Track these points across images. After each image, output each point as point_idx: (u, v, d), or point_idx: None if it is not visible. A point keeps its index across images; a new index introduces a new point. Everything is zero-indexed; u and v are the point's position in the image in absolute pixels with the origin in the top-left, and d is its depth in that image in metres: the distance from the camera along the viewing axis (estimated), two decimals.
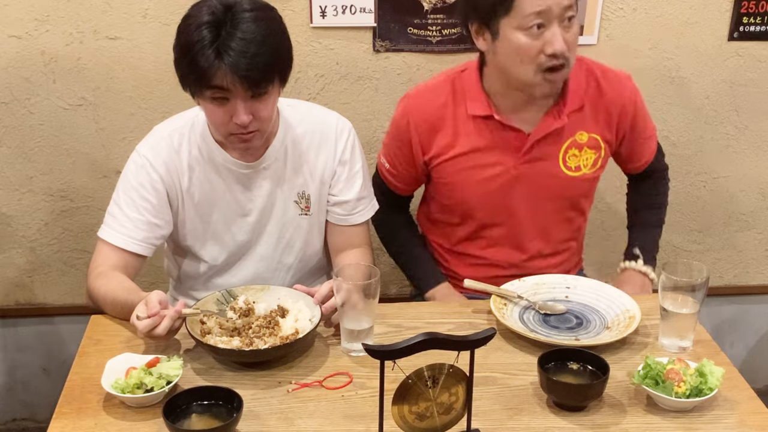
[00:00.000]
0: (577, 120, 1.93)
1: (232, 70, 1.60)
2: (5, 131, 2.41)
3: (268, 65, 1.63)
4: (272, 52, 1.64)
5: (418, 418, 1.33)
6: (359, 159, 1.94)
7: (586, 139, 1.94)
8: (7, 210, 2.50)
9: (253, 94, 1.66)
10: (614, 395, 1.54)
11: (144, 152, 1.83)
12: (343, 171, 1.91)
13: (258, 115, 1.69)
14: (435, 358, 1.30)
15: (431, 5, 2.37)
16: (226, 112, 1.68)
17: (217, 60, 1.60)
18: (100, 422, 1.47)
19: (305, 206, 1.91)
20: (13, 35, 2.31)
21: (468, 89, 1.92)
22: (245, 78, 1.61)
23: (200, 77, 1.63)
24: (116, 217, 1.82)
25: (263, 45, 1.62)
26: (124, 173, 1.85)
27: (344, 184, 1.92)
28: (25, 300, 2.62)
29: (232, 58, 1.60)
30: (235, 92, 1.64)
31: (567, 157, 1.94)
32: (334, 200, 1.93)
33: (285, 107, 1.88)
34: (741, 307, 2.89)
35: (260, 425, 1.46)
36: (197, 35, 1.61)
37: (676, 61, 2.50)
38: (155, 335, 1.56)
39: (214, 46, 1.60)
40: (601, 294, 1.84)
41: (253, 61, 1.60)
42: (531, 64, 1.78)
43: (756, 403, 1.53)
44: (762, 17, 2.46)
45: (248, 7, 1.64)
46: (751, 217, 2.74)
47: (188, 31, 1.63)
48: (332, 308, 1.67)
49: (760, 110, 2.60)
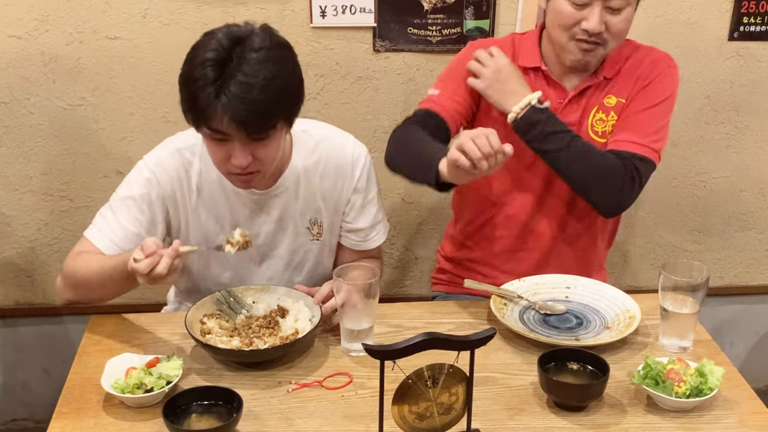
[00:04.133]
0: (609, 84, 1.95)
1: (229, 116, 1.52)
2: (5, 131, 2.41)
3: (268, 111, 1.54)
4: (276, 97, 1.54)
5: (418, 418, 1.33)
6: (374, 186, 1.91)
7: (614, 103, 1.94)
8: (6, 210, 2.50)
9: (255, 137, 1.58)
10: (614, 395, 1.54)
11: (152, 166, 1.76)
12: (357, 199, 1.88)
13: (259, 156, 1.62)
14: (435, 358, 1.30)
15: (431, 5, 2.37)
16: (224, 151, 1.61)
17: (215, 101, 1.52)
18: (100, 422, 1.47)
19: (317, 232, 1.87)
20: (13, 35, 2.31)
21: (525, 45, 1.97)
22: (242, 124, 1.53)
23: (198, 116, 1.56)
24: (108, 222, 1.76)
25: (265, 90, 1.52)
26: (127, 181, 1.78)
27: (358, 212, 1.90)
28: (25, 300, 2.61)
29: (231, 102, 1.51)
30: (234, 135, 1.57)
31: (594, 122, 1.94)
32: (348, 227, 1.91)
33: (299, 132, 1.81)
34: (741, 307, 2.89)
35: (260, 425, 1.46)
36: (199, 72, 1.53)
37: (676, 61, 2.48)
38: (156, 275, 1.49)
39: (214, 86, 1.52)
40: (601, 294, 1.84)
41: (252, 107, 1.52)
42: (566, 31, 1.84)
43: (756, 403, 1.53)
44: (762, 17, 2.46)
45: (257, 45, 1.54)
46: (751, 217, 2.74)
47: (192, 64, 1.56)
48: (332, 308, 1.67)
49: (760, 110, 2.60)
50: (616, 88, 1.94)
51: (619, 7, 1.81)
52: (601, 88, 1.94)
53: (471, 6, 2.38)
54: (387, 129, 2.50)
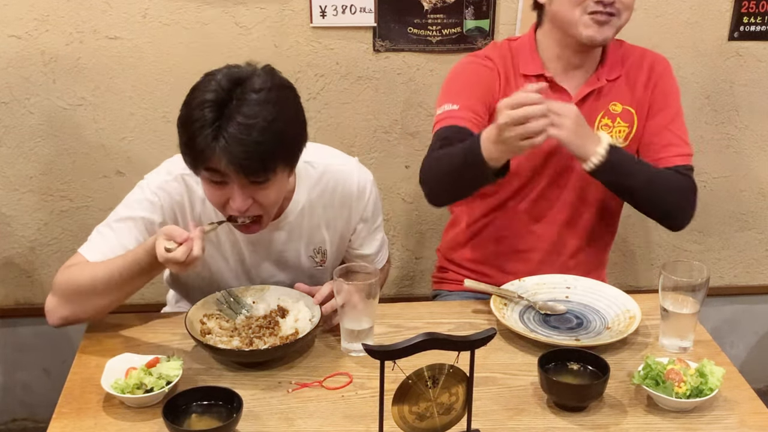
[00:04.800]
0: (613, 90, 1.95)
1: (227, 158, 1.48)
2: (5, 131, 2.41)
3: (268, 154, 1.50)
4: (276, 139, 1.50)
5: (418, 419, 1.33)
6: (380, 214, 1.90)
7: (620, 110, 1.94)
8: (6, 210, 2.50)
9: (253, 180, 1.54)
10: (614, 395, 1.54)
11: (155, 189, 1.70)
12: (364, 227, 1.87)
13: (259, 200, 1.58)
14: (435, 358, 1.30)
15: (431, 5, 2.37)
16: (223, 195, 1.58)
17: (214, 143, 1.48)
18: (99, 422, 1.47)
19: (321, 260, 1.86)
20: (13, 35, 2.31)
21: (523, 52, 1.96)
22: (241, 167, 1.49)
23: (196, 158, 1.52)
24: (107, 240, 1.69)
25: (265, 132, 1.48)
26: (127, 201, 1.73)
27: (364, 240, 1.89)
28: (25, 300, 2.61)
29: (229, 144, 1.47)
30: (233, 178, 1.53)
31: (600, 128, 1.94)
32: (355, 253, 1.91)
33: (302, 164, 1.71)
34: (741, 307, 2.89)
35: (260, 425, 1.46)
36: (198, 113, 1.50)
37: (676, 61, 2.49)
38: (192, 259, 1.50)
39: (212, 128, 1.48)
40: (601, 294, 1.84)
41: (251, 149, 1.48)
42: (577, 6, 1.82)
43: (756, 403, 1.53)
44: (762, 17, 2.46)
45: (258, 87, 1.51)
46: (751, 217, 2.74)
47: (191, 106, 1.52)
48: (332, 309, 1.67)
49: (760, 110, 2.60)
50: (619, 94, 1.95)
51: None
52: (604, 94, 1.94)
53: (471, 6, 2.38)
54: (387, 129, 2.51)
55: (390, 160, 2.54)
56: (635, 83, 1.96)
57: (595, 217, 2.04)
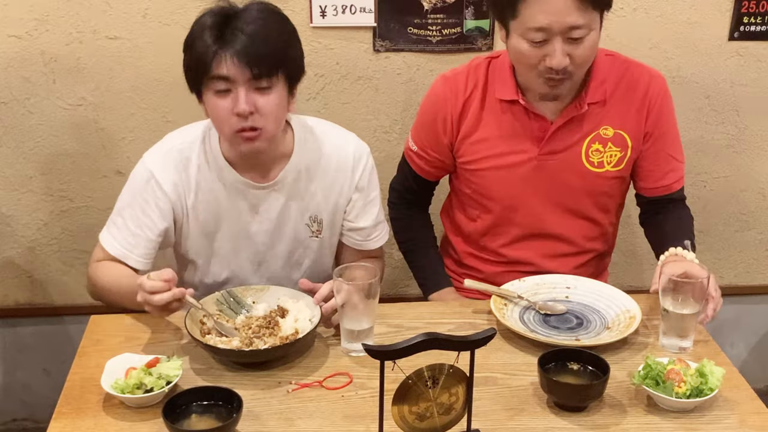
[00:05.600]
0: (601, 113, 1.90)
1: (231, 52, 1.60)
2: (5, 131, 2.41)
3: (270, 51, 1.62)
4: (280, 38, 1.64)
5: (418, 419, 1.33)
6: (376, 185, 1.92)
7: (612, 134, 1.91)
8: (6, 210, 2.50)
9: (256, 85, 1.63)
10: (614, 395, 1.54)
11: (151, 166, 1.79)
12: (359, 198, 1.89)
13: (260, 109, 1.65)
14: (435, 358, 1.30)
15: (431, 5, 2.37)
16: (228, 102, 1.65)
17: (219, 42, 1.60)
18: (99, 422, 1.47)
19: (317, 230, 1.88)
20: (13, 35, 2.31)
21: (499, 73, 1.92)
22: (246, 60, 1.60)
23: (200, 64, 1.62)
24: (119, 228, 1.80)
25: (270, 30, 1.63)
26: (130, 183, 1.82)
27: (360, 211, 1.90)
28: (25, 300, 2.61)
29: (236, 39, 1.60)
30: (237, 79, 1.62)
31: (590, 152, 1.91)
32: (350, 226, 1.92)
33: (302, 129, 1.83)
34: (741, 307, 2.88)
35: (260, 425, 1.46)
36: (202, 25, 1.63)
37: (676, 61, 2.50)
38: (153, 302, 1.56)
39: (218, 31, 1.61)
40: (601, 294, 1.84)
41: (255, 42, 1.60)
42: (532, 70, 1.79)
43: (756, 403, 1.53)
44: (762, 17, 2.46)
45: (258, 8, 1.66)
46: (751, 217, 2.74)
47: (195, 24, 1.66)
48: (332, 309, 1.67)
49: (760, 110, 2.60)
50: (610, 118, 1.90)
51: (580, 36, 1.73)
52: (590, 119, 1.89)
53: (471, 6, 2.38)
54: (387, 129, 2.51)
55: (390, 160, 2.53)
56: (629, 107, 1.90)
57: (587, 240, 2.03)
